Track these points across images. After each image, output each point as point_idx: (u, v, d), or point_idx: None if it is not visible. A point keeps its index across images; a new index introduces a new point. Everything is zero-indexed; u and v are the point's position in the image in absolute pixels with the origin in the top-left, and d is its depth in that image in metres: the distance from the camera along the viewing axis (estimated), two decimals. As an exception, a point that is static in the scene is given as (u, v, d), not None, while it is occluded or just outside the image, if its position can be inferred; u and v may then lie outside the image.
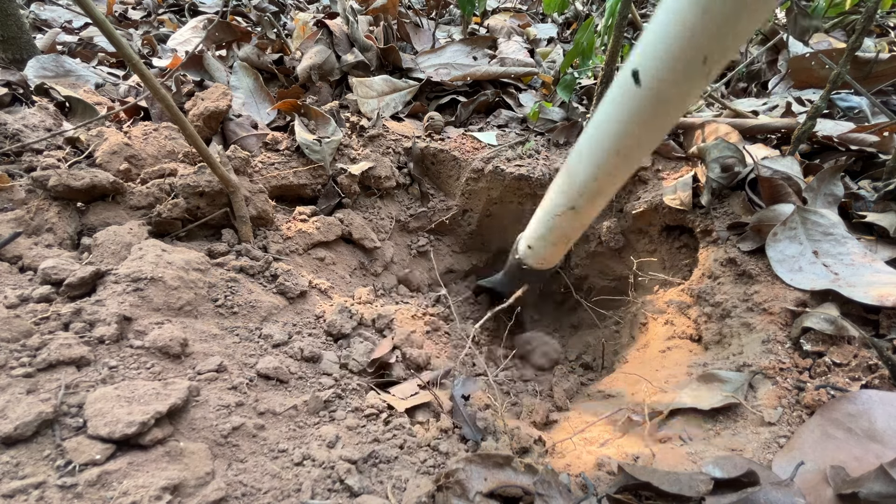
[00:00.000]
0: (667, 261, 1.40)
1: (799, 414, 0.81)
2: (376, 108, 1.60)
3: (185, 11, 2.64)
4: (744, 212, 1.18)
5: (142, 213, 1.08)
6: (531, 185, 1.51)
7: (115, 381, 0.72)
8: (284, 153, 1.36)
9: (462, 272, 1.72)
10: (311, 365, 0.92)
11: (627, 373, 1.20)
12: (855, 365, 0.84)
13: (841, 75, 1.13)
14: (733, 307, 1.06)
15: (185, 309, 0.89)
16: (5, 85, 1.26)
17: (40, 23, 2.27)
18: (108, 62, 1.87)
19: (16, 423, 0.61)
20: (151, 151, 1.19)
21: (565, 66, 1.61)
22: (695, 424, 0.88)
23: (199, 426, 0.71)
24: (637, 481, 0.67)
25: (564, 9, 1.86)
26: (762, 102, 1.64)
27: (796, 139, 1.24)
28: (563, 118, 1.67)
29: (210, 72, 1.63)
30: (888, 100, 1.61)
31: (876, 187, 1.17)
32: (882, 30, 2.50)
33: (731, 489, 0.65)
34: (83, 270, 0.85)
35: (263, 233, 1.19)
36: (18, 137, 1.10)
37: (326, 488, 0.67)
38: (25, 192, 1.00)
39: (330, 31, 1.76)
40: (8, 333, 0.72)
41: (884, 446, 0.70)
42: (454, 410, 0.90)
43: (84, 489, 0.57)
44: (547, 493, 0.66)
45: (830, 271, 0.98)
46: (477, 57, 1.87)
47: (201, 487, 0.62)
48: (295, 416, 0.80)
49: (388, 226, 1.50)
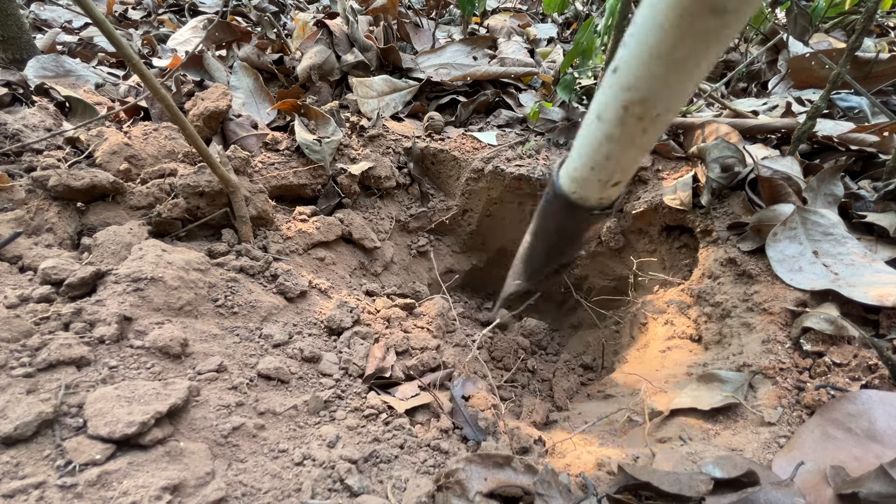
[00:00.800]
0: (667, 261, 1.40)
1: (799, 414, 0.81)
2: (376, 108, 1.60)
3: (185, 11, 2.64)
4: (744, 212, 1.18)
5: (142, 213, 1.08)
6: (531, 185, 1.51)
7: (116, 381, 0.72)
8: (284, 153, 1.36)
9: (462, 272, 1.72)
10: (311, 365, 0.92)
11: (627, 373, 1.20)
12: (855, 365, 0.84)
13: (841, 75, 1.13)
14: (733, 307, 1.06)
15: (186, 309, 0.89)
16: (5, 85, 1.26)
17: (40, 23, 2.27)
18: (108, 62, 1.87)
19: (16, 423, 0.61)
20: (151, 151, 1.19)
21: (565, 66, 1.61)
22: (695, 424, 0.88)
23: (199, 426, 0.71)
24: (637, 481, 0.67)
25: (564, 9, 1.86)
26: (762, 102, 1.64)
27: (796, 139, 1.24)
28: (563, 118, 1.67)
29: (210, 72, 1.63)
30: (888, 100, 1.61)
31: (876, 187, 1.17)
32: (882, 30, 2.50)
33: (731, 489, 0.65)
34: (83, 270, 0.85)
35: (263, 233, 1.19)
36: (18, 137, 1.10)
37: (327, 488, 0.67)
38: (25, 192, 1.00)
39: (330, 31, 1.76)
40: (8, 333, 0.72)
41: (884, 446, 0.70)
42: (454, 411, 0.90)
43: (84, 489, 0.57)
44: (547, 493, 0.66)
45: (830, 271, 0.98)
46: (477, 57, 1.87)
47: (201, 487, 0.62)
48: (295, 416, 0.80)
49: (388, 226, 1.50)
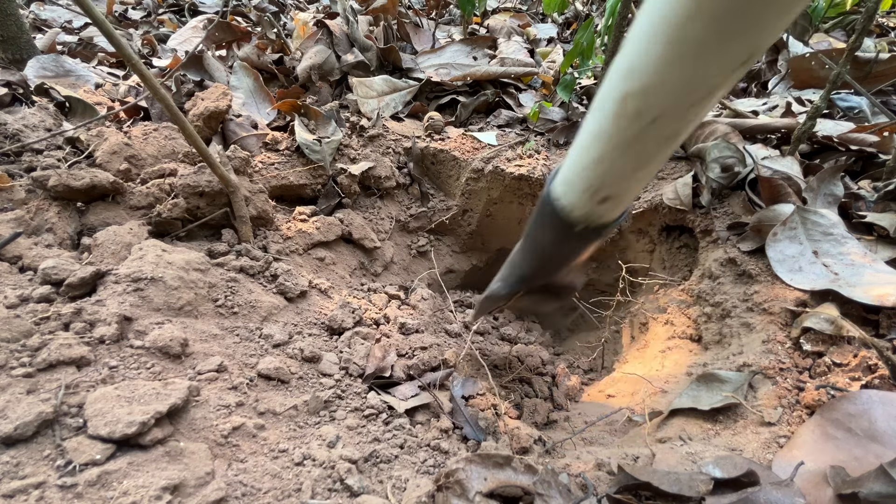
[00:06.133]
0: (667, 261, 1.40)
1: (799, 414, 0.81)
2: (376, 108, 1.60)
3: (185, 11, 2.64)
4: (744, 212, 1.18)
5: (142, 213, 1.08)
6: (531, 185, 1.51)
7: (116, 381, 0.72)
8: (284, 153, 1.36)
9: (462, 272, 1.72)
10: (311, 365, 0.92)
11: (627, 373, 1.20)
12: (855, 365, 0.84)
13: (841, 75, 1.13)
14: (733, 307, 1.06)
15: (186, 309, 0.89)
16: (5, 85, 1.26)
17: (40, 23, 2.27)
18: (108, 62, 1.87)
19: (16, 423, 0.60)
20: (151, 151, 1.19)
21: (565, 66, 1.61)
22: (695, 424, 0.88)
23: (199, 426, 0.71)
24: (637, 481, 0.67)
25: (564, 9, 1.86)
26: (762, 102, 1.64)
27: (796, 139, 1.24)
28: (563, 118, 1.67)
29: (210, 72, 1.63)
30: (888, 100, 1.61)
31: (876, 187, 1.17)
32: (882, 30, 2.50)
33: (731, 489, 0.65)
34: (83, 270, 0.85)
35: (263, 233, 1.19)
36: (18, 137, 1.10)
37: (327, 488, 0.67)
38: (25, 192, 1.00)
39: (330, 31, 1.76)
40: (8, 333, 0.72)
41: (884, 446, 0.70)
42: (454, 411, 0.90)
43: (84, 489, 0.57)
44: (547, 493, 0.66)
45: (830, 271, 0.98)
46: (477, 57, 1.87)
47: (201, 487, 0.62)
48: (295, 416, 0.80)
49: (388, 226, 1.50)
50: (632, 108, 0.38)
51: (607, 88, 0.41)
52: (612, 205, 0.46)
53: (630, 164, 0.42)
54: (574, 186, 0.47)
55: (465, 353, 1.18)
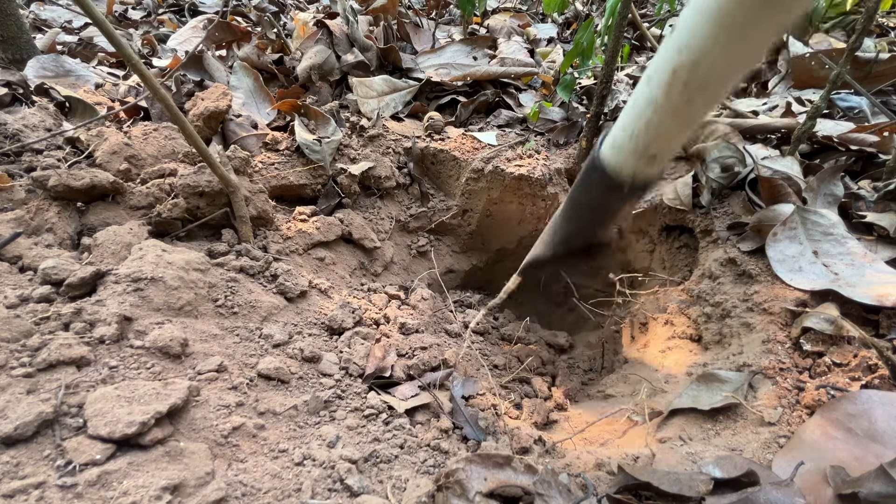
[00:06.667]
0: (667, 261, 1.40)
1: (799, 414, 0.81)
2: (376, 108, 1.60)
3: (185, 11, 2.64)
4: (744, 212, 1.18)
5: (142, 213, 1.08)
6: (531, 184, 1.51)
7: (116, 381, 0.72)
8: (284, 153, 1.36)
9: (462, 272, 1.72)
10: (311, 365, 0.92)
11: (627, 373, 1.20)
12: (855, 365, 0.84)
13: (841, 75, 1.13)
14: (733, 307, 1.06)
15: (186, 309, 0.89)
16: (5, 85, 1.26)
17: (40, 23, 2.27)
18: (108, 62, 1.87)
19: (16, 423, 0.60)
20: (151, 151, 1.19)
21: (565, 66, 1.61)
22: (695, 424, 0.88)
23: (199, 426, 0.71)
24: (637, 481, 0.67)
25: (564, 9, 1.86)
26: (762, 102, 1.64)
27: (796, 139, 1.24)
28: (563, 118, 1.67)
29: (210, 72, 1.63)
30: (888, 100, 1.60)
31: (876, 187, 1.17)
32: (882, 30, 2.50)
33: (731, 489, 0.65)
34: (83, 270, 0.85)
35: (263, 233, 1.19)
36: (18, 137, 1.10)
37: (327, 488, 0.67)
38: (25, 192, 1.00)
39: (330, 31, 1.76)
40: (8, 333, 0.72)
41: (884, 446, 0.70)
42: (454, 411, 0.90)
43: (84, 489, 0.57)
44: (547, 493, 0.66)
45: (830, 271, 0.98)
46: (477, 57, 1.87)
47: (201, 487, 0.62)
48: (295, 416, 0.80)
49: (388, 226, 1.50)
50: (681, 79, 0.48)
51: (658, 64, 0.50)
52: (657, 162, 0.57)
53: (676, 126, 0.52)
54: (624, 149, 0.57)
55: (465, 353, 1.18)
